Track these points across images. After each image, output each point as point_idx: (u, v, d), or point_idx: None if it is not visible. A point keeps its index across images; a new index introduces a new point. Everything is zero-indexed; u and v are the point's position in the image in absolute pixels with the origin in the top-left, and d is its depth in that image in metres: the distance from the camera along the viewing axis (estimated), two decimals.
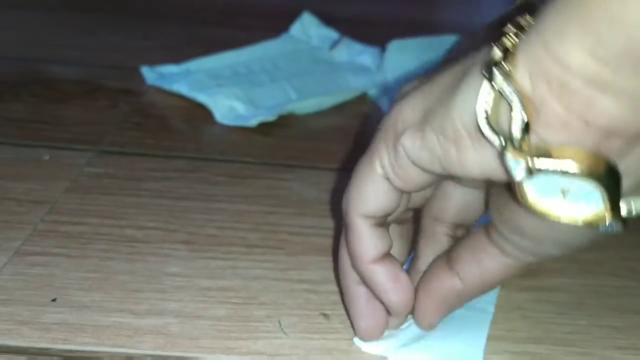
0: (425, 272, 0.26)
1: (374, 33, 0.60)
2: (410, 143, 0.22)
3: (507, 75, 0.18)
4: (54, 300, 0.28)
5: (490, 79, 0.19)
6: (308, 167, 0.26)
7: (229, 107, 0.47)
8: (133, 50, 0.58)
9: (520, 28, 0.19)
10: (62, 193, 0.36)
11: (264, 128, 0.46)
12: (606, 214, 0.18)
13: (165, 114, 0.47)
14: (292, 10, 0.61)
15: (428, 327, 0.26)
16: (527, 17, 0.19)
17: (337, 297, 0.29)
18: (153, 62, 0.53)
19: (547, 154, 0.18)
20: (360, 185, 0.24)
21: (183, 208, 0.35)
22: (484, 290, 0.25)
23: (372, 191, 0.24)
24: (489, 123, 0.19)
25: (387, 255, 0.25)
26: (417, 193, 0.25)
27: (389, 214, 0.25)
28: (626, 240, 0.36)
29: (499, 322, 0.29)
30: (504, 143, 0.18)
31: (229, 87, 0.49)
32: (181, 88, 0.49)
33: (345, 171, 0.39)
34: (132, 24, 0.65)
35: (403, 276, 0.25)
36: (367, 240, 0.24)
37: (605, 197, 0.18)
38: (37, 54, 0.56)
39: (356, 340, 0.27)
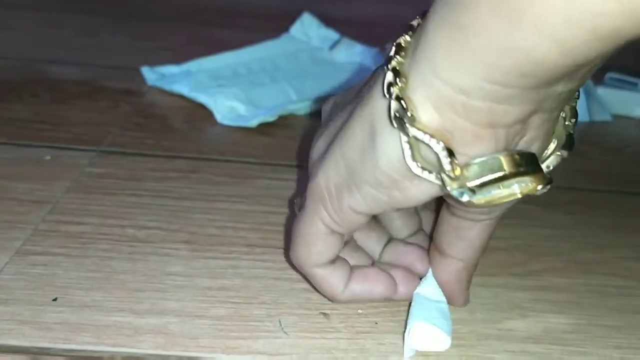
0: (433, 269, 0.29)
1: (374, 33, 0.60)
2: (355, 203, 0.24)
3: (413, 121, 0.21)
4: (54, 299, 0.28)
5: (402, 129, 0.21)
6: (308, 167, 0.26)
7: (230, 108, 0.47)
8: (134, 50, 0.58)
9: (400, 47, 0.22)
10: (63, 193, 0.36)
11: (264, 128, 0.46)
12: (536, 186, 0.22)
13: (166, 114, 0.47)
14: (292, 10, 0.61)
15: (464, 304, 0.29)
16: (406, 37, 0.22)
17: None
18: (154, 62, 0.53)
19: (478, 173, 0.21)
20: (308, 245, 0.26)
21: (184, 208, 0.36)
22: (480, 253, 0.27)
23: (321, 246, 0.26)
24: (418, 164, 0.21)
25: (352, 270, 0.28)
26: None
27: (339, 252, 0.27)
28: (626, 241, 0.36)
29: (499, 321, 0.29)
30: (440, 176, 0.21)
31: (230, 87, 0.49)
32: (182, 88, 0.49)
33: None
34: (133, 25, 0.65)
35: (368, 271, 0.28)
36: (332, 279, 0.27)
37: (531, 178, 0.22)
38: (39, 55, 0.56)
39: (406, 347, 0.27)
